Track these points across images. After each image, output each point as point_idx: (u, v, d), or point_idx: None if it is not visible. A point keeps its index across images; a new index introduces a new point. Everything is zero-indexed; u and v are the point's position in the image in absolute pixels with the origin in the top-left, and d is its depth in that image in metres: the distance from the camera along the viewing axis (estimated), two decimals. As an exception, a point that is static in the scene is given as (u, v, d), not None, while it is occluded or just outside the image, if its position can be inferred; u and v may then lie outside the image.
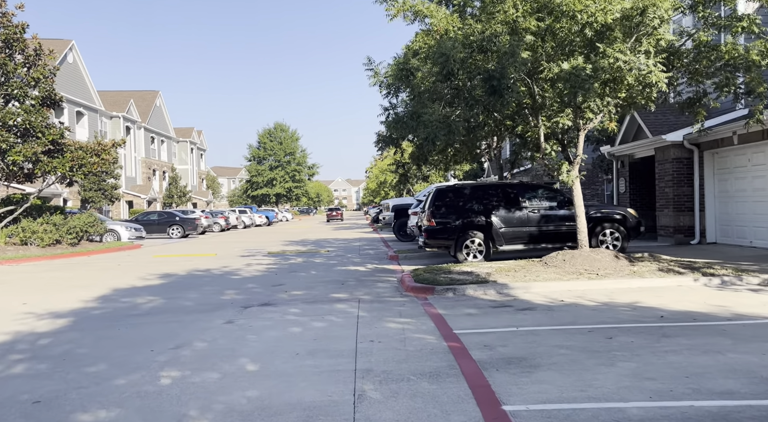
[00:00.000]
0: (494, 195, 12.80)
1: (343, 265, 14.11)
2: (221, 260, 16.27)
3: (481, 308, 7.77)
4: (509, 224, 12.52)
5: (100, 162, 18.29)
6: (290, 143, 78.41)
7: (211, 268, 14.04)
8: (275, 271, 13.07)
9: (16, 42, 17.14)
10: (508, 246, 12.57)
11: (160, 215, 30.41)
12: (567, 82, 7.64)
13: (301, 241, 24.63)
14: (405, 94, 10.25)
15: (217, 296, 9.54)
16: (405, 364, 5.12)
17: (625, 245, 12.38)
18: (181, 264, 15.12)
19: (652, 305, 7.36)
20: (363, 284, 10.61)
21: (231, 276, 12.32)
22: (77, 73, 43.40)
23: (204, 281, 11.69)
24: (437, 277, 9.66)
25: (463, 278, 9.41)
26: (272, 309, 8.20)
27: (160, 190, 58.88)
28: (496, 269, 10.01)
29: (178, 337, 6.56)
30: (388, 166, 22.81)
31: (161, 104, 61.94)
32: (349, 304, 8.43)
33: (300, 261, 15.30)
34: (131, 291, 10.41)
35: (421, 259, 14.65)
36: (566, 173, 9.95)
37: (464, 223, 12.51)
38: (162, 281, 11.83)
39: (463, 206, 12.71)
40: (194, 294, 9.88)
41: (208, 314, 7.93)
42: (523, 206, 12.63)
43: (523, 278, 9.27)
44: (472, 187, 13.04)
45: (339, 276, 11.84)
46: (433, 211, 12.69)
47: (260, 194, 77.48)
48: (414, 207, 20.84)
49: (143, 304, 9.00)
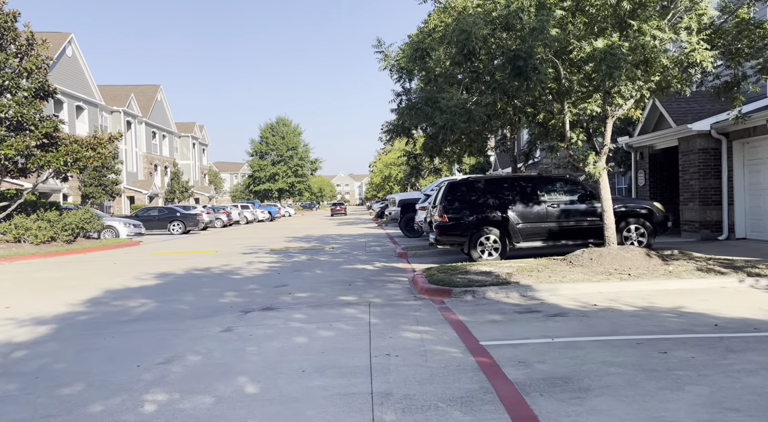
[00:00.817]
0: (510, 189, 12.02)
1: (349, 263, 13.37)
2: (222, 258, 15.56)
3: (505, 313, 7.01)
4: (527, 219, 11.75)
5: (96, 156, 17.56)
6: (292, 138, 77.62)
7: (211, 267, 13.33)
8: (278, 270, 12.34)
9: (7, 31, 16.39)
10: (525, 243, 11.80)
11: (160, 211, 29.72)
12: (602, 63, 6.86)
13: (305, 237, 23.91)
14: (419, 79, 9.45)
15: (215, 299, 8.81)
16: (430, 386, 4.38)
17: (651, 242, 11.60)
18: (179, 263, 14.41)
19: (699, 311, 6.59)
20: (372, 284, 9.87)
21: (231, 276, 11.60)
22: (76, 67, 42.66)
23: (202, 281, 10.97)
24: (453, 278, 8.91)
25: (482, 280, 8.65)
26: (275, 315, 7.46)
27: (162, 185, 58.24)
28: (517, 269, 9.25)
29: (169, 348, 5.84)
30: (399, 157, 21.97)
31: (162, 99, 61.20)
32: (358, 308, 7.69)
33: (304, 259, 14.57)
34: (124, 293, 9.70)
35: (432, 257, 13.91)
36: (593, 165, 9.17)
37: (479, 219, 11.75)
38: (158, 281, 11.12)
39: (477, 200, 11.94)
40: (191, 297, 9.15)
41: (205, 321, 7.20)
42: (541, 201, 11.85)
43: (547, 278, 8.51)
44: (487, 180, 12.26)
45: (346, 276, 11.10)
46: (446, 206, 11.92)
47: (263, 190, 76.78)
48: (422, 202, 20.06)
49: (135, 308, 8.28)
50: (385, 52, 9.89)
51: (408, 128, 10.47)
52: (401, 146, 50.31)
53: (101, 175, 40.85)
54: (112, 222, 21.61)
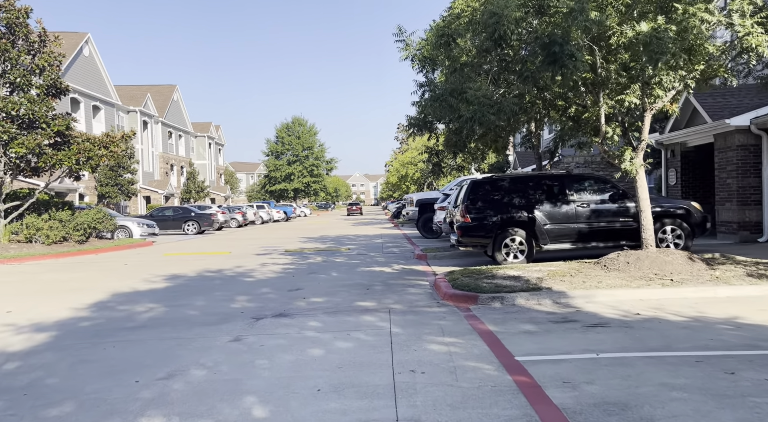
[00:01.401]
0: (537, 188, 11.38)
1: (366, 265, 12.83)
2: (235, 259, 15.11)
3: (539, 323, 6.40)
4: (555, 220, 11.10)
5: (109, 155, 17.24)
6: (308, 138, 77.36)
7: (224, 268, 12.87)
8: (292, 272, 11.84)
9: (19, 27, 16.12)
10: (553, 245, 11.15)
11: (175, 211, 29.47)
12: (646, 48, 6.22)
13: (320, 238, 23.43)
14: (443, 69, 8.84)
15: (226, 304, 8.32)
16: (464, 411, 3.81)
17: (688, 244, 10.88)
18: (191, 264, 13.98)
19: (759, 323, 5.93)
20: (391, 289, 9.31)
21: (244, 278, 11.12)
22: (93, 67, 42.74)
23: (214, 284, 10.50)
24: (479, 282, 8.31)
25: (511, 285, 8.04)
26: (288, 322, 6.94)
27: (178, 185, 58.28)
28: (548, 273, 8.62)
29: (172, 361, 5.33)
30: (419, 154, 21.30)
31: (179, 99, 61.30)
32: (378, 316, 7.13)
33: (319, 261, 14.06)
34: (131, 297, 9.25)
35: (452, 259, 13.31)
36: (629, 161, 8.50)
37: (503, 219, 11.13)
38: (168, 283, 10.67)
39: (502, 200, 11.32)
40: (201, 301, 8.67)
41: (213, 329, 6.70)
42: (570, 200, 11.19)
43: (582, 284, 7.88)
44: (512, 178, 11.63)
45: (363, 279, 10.56)
46: (468, 206, 11.32)
47: (278, 189, 76.66)
48: (440, 201, 19.46)
49: (141, 313, 7.81)
50: (407, 40, 9.30)
51: (430, 122, 9.88)
52: (419, 144, 49.63)
53: (117, 174, 40.85)
54: (125, 222, 21.33)
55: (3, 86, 16.17)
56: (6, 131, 15.13)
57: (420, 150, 42.84)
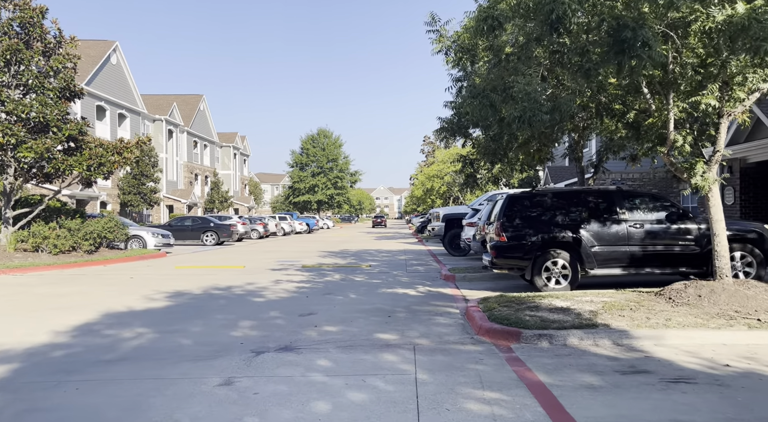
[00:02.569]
0: (583, 204, 10.08)
1: (388, 286, 11.64)
2: (248, 274, 14.07)
3: (603, 373, 5.12)
4: (603, 241, 9.78)
5: (122, 161, 16.47)
6: (333, 150, 76.83)
7: (233, 285, 11.82)
8: (306, 292, 10.71)
9: (33, 27, 15.54)
10: (601, 270, 9.81)
11: (194, 221, 28.73)
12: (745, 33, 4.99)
13: (341, 252, 22.32)
14: (483, 62, 7.66)
15: (225, 332, 7.21)
16: None
17: (761, 273, 9.43)
18: (200, 279, 12.98)
19: None
20: (416, 317, 8.10)
21: (253, 299, 10.03)
22: (120, 75, 42.76)
23: (218, 304, 9.43)
24: (520, 315, 7.05)
25: (560, 319, 6.76)
26: (293, 359, 5.79)
27: (202, 195, 58.07)
28: (603, 306, 7.30)
29: (140, 415, 4.23)
30: (451, 163, 20.08)
31: (205, 108, 61.34)
32: (400, 354, 5.93)
33: (337, 279, 12.92)
34: (123, 318, 8.23)
35: (483, 281, 12.04)
36: (701, 176, 7.19)
37: (544, 239, 9.85)
38: (168, 302, 9.64)
39: (543, 217, 10.05)
40: (198, 326, 7.59)
41: (204, 365, 5.59)
42: (621, 219, 9.86)
43: (646, 321, 6.56)
44: (555, 193, 10.35)
45: (384, 303, 9.37)
46: (504, 223, 10.07)
47: (302, 201, 76.12)
48: (469, 217, 18.23)
49: (127, 341, 6.75)
50: (440, 30, 8.16)
51: (465, 126, 8.68)
52: (446, 157, 48.32)
53: (140, 183, 40.57)
54: (139, 232, 20.56)
55: (15, 88, 15.55)
56: (14, 134, 14.45)
57: (449, 161, 41.52)
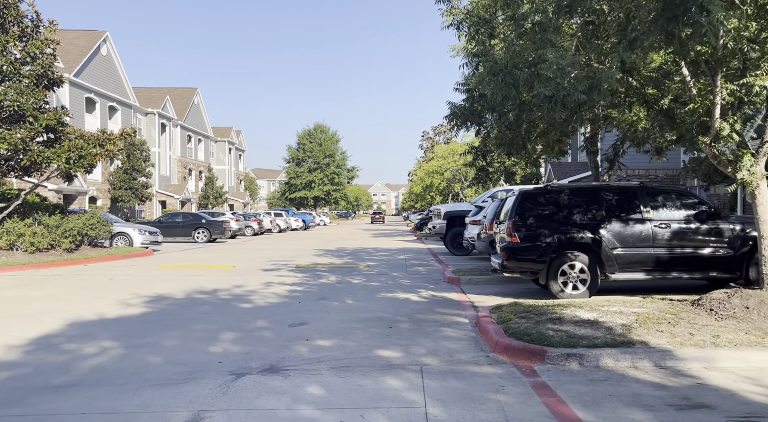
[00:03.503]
0: (603, 202, 9.17)
1: (388, 289, 10.72)
2: (238, 275, 13.13)
3: (653, 408, 4.22)
4: (626, 242, 8.88)
5: (104, 153, 15.47)
6: (330, 145, 75.81)
7: (220, 288, 10.88)
8: (299, 297, 9.78)
9: (8, 9, 14.50)
10: (623, 275, 8.91)
11: (185, 217, 27.74)
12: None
13: (337, 251, 21.39)
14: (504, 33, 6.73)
15: (203, 347, 6.28)
16: None
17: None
18: (185, 281, 12.03)
19: None
20: (421, 328, 7.19)
21: (239, 304, 9.10)
22: (111, 67, 41.63)
23: (200, 312, 8.50)
24: (542, 329, 6.14)
25: (589, 335, 5.85)
26: (278, 385, 4.86)
27: (196, 190, 57.00)
28: (636, 318, 6.39)
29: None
30: (463, 154, 19.07)
31: (199, 102, 60.21)
32: (406, 379, 5.02)
33: (333, 281, 11.99)
34: (91, 328, 7.29)
35: (491, 285, 11.14)
36: (747, 170, 6.29)
37: (561, 240, 8.94)
38: (145, 309, 8.70)
39: (559, 216, 9.14)
40: (173, 339, 6.65)
41: (171, 393, 4.66)
42: (646, 218, 8.96)
43: (689, 337, 5.66)
44: (572, 190, 9.44)
45: (385, 310, 8.46)
46: (517, 222, 9.15)
47: (298, 197, 75.13)
48: (472, 215, 17.32)
49: (87, 359, 5.81)
50: (452, 0, 7.20)
51: (479, 113, 7.73)
52: (446, 152, 47.18)
53: (131, 177, 39.51)
54: (125, 228, 19.55)
55: (-10, 75, 14.52)
56: (-16, 124, 13.45)
57: (449, 156, 40.41)
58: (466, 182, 39.51)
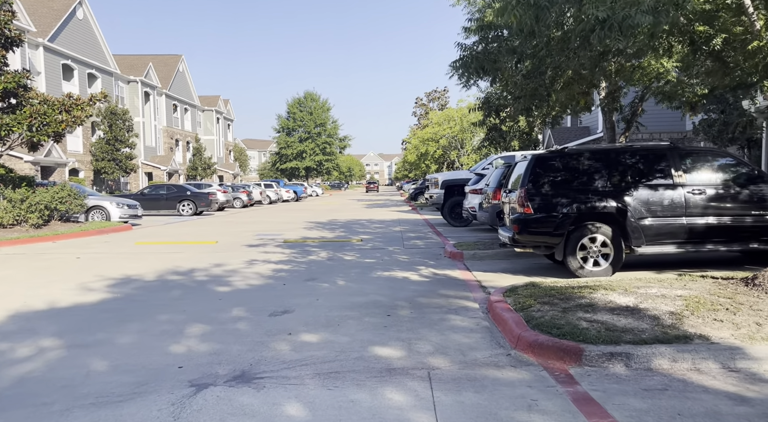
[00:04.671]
0: (629, 166, 8.06)
1: (384, 267, 9.64)
2: (219, 252, 12.02)
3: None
4: (655, 211, 7.80)
5: (71, 120, 14.12)
6: (321, 114, 73.90)
7: (197, 268, 9.77)
8: (285, 278, 8.68)
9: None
10: (651, 248, 7.85)
11: (169, 190, 26.44)
12: None
13: (329, 223, 20.26)
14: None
15: (163, 345, 5.19)
16: None
17: None
18: (160, 259, 10.91)
19: None
20: (424, 315, 6.13)
21: (216, 288, 8.00)
22: (88, 31, 39.57)
23: (170, 298, 7.40)
24: (573, 319, 5.08)
25: (632, 327, 4.79)
26: (248, 402, 3.79)
27: (184, 161, 55.40)
28: (685, 303, 5.33)
29: None
30: (471, 111, 17.68)
31: (185, 70, 58.08)
32: (410, 390, 3.96)
33: (324, 258, 10.90)
34: (35, 321, 6.17)
35: (497, 260, 10.09)
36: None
37: (581, 210, 7.85)
38: (106, 294, 7.58)
39: (578, 182, 8.03)
40: (130, 335, 5.56)
41: (106, 418, 3.57)
42: (677, 183, 7.86)
43: (757, 329, 4.62)
44: (593, 152, 8.29)
45: (381, 292, 7.39)
46: (530, 190, 8.03)
47: (289, 168, 73.57)
48: (472, 183, 16.19)
49: (15, 364, 4.71)
50: None
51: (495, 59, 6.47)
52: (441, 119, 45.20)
53: (114, 148, 37.95)
54: (101, 202, 18.27)
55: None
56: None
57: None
58: (463, 149, 38.09)
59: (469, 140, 37.34)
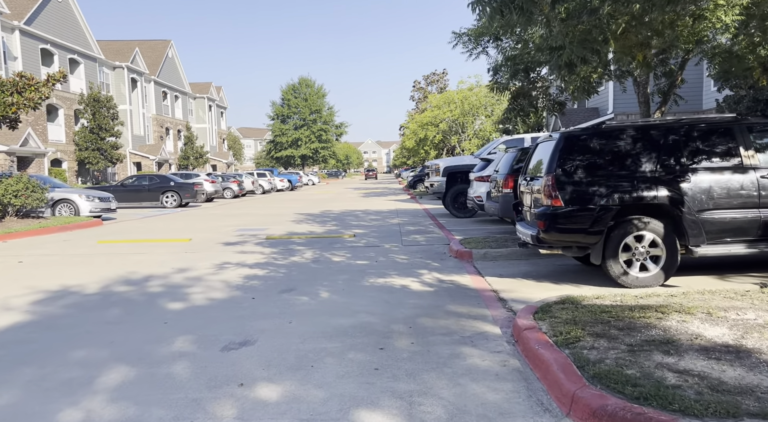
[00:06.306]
0: (684, 145, 6.40)
1: (379, 271, 8.01)
2: (189, 253, 10.38)
3: None
4: (718, 201, 6.17)
5: (23, 102, 12.43)
6: (316, 100, 71.92)
7: (155, 275, 8.14)
8: (255, 289, 7.05)
9: None
10: (714, 247, 6.23)
11: (151, 180, 24.73)
12: None
13: (321, 214, 18.61)
14: None
15: (49, 411, 3.57)
16: None
17: None
18: (117, 263, 9.28)
19: None
20: (429, 349, 4.52)
21: (167, 304, 6.37)
22: (69, 15, 37.62)
23: (102, 321, 5.77)
24: (652, 369, 3.47)
25: (748, 386, 3.17)
26: None
27: (175, 151, 53.60)
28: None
29: None
30: (487, 85, 15.79)
31: (174, 55, 56.01)
32: None
33: (308, 259, 9.27)
34: None
35: (514, 261, 8.48)
36: None
37: (624, 201, 6.22)
38: (20, 317, 5.95)
39: (619, 167, 6.38)
40: (11, 391, 3.94)
41: None
42: (748, 166, 6.23)
43: None
44: (637, 129, 6.61)
45: (373, 310, 5.77)
46: (560, 178, 6.39)
47: (285, 156, 71.78)
48: (478, 170, 14.55)
49: None
50: None
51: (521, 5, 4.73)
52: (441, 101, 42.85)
53: (98, 137, 36.18)
54: (68, 195, 16.58)
55: None
56: None
57: (444, 105, 36.59)
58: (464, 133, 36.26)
59: (470, 123, 35.54)
